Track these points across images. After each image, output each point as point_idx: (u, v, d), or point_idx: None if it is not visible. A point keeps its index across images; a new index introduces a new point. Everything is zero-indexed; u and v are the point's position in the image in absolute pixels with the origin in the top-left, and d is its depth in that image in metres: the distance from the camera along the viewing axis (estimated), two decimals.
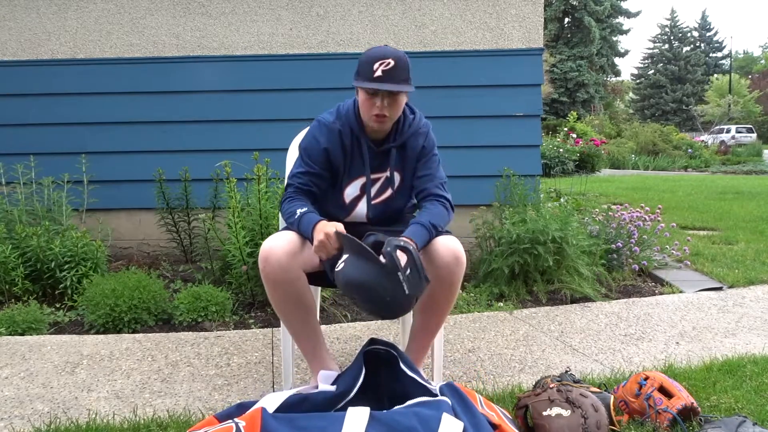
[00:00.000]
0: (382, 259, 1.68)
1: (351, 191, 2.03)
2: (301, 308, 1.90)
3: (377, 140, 2.00)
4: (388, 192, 2.04)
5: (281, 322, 1.99)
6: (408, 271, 1.68)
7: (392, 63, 1.81)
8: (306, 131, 2.08)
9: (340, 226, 1.78)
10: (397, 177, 2.04)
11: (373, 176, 2.02)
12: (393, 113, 1.89)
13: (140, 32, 4.10)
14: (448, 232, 1.96)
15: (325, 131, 1.97)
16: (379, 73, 1.80)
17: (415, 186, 2.03)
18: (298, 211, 1.86)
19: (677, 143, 19.37)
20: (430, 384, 1.75)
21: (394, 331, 2.84)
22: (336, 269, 1.73)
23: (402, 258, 1.68)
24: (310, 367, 2.02)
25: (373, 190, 2.03)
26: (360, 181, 2.02)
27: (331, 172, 2.01)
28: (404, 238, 1.77)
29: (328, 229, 1.76)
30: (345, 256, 1.72)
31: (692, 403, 1.85)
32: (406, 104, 2.04)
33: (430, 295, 1.90)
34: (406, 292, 1.67)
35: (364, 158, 1.98)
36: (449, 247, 1.86)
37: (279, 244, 1.81)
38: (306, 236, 1.84)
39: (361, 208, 2.04)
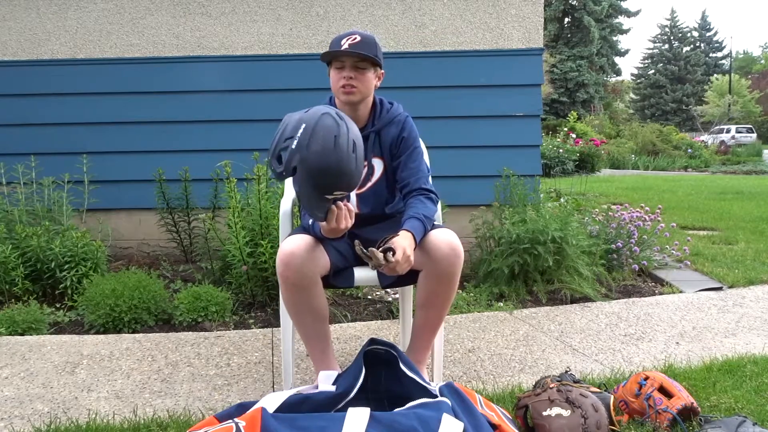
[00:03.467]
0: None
1: None
2: (315, 313, 1.90)
3: None
4: (373, 179, 2.07)
5: (294, 324, 1.97)
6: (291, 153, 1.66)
7: (359, 38, 1.91)
8: None
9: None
10: (378, 164, 2.06)
11: None
12: (362, 87, 1.95)
13: (140, 32, 4.10)
14: (441, 226, 1.96)
15: None
16: (345, 45, 1.90)
17: (401, 179, 2.05)
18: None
19: (677, 143, 19.37)
20: (429, 384, 1.75)
21: (394, 332, 2.84)
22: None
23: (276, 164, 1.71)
24: (316, 369, 2.02)
25: None
26: None
27: None
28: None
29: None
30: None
31: (692, 403, 1.85)
32: (387, 100, 2.10)
33: (430, 290, 1.91)
34: (316, 148, 1.65)
35: None
36: (446, 239, 1.86)
37: (299, 247, 1.81)
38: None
39: (351, 198, 2.06)
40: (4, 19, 4.08)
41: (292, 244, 1.82)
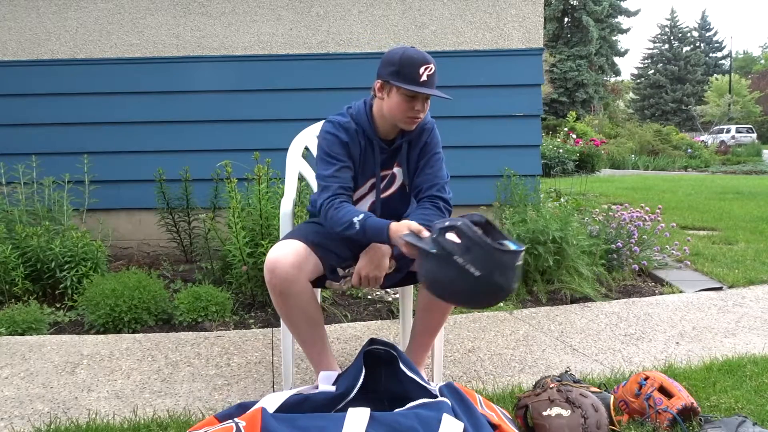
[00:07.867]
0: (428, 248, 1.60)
1: (361, 191, 2.04)
2: (308, 317, 1.89)
3: (387, 140, 2.00)
4: (393, 186, 2.05)
5: (287, 328, 1.97)
6: (467, 251, 1.54)
7: (433, 68, 1.87)
8: (304, 133, 2.09)
9: (413, 225, 1.73)
10: (400, 171, 2.05)
11: (382, 173, 2.03)
12: (424, 115, 1.93)
13: (140, 32, 4.10)
14: None
15: (342, 129, 1.95)
16: (424, 77, 1.84)
17: (416, 185, 2.03)
18: (355, 220, 1.80)
19: (677, 143, 19.37)
20: (429, 385, 1.75)
21: (394, 332, 2.84)
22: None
23: (453, 239, 1.59)
24: (315, 371, 2.02)
25: (381, 186, 2.04)
26: (371, 182, 2.03)
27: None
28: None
29: (402, 232, 1.74)
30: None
31: (692, 403, 1.85)
32: None
33: (430, 294, 1.90)
34: (476, 274, 1.54)
35: (375, 158, 1.99)
36: None
37: (285, 255, 1.79)
38: (378, 241, 1.83)
39: (364, 205, 2.04)
40: (4, 19, 4.08)
41: (278, 252, 1.81)
